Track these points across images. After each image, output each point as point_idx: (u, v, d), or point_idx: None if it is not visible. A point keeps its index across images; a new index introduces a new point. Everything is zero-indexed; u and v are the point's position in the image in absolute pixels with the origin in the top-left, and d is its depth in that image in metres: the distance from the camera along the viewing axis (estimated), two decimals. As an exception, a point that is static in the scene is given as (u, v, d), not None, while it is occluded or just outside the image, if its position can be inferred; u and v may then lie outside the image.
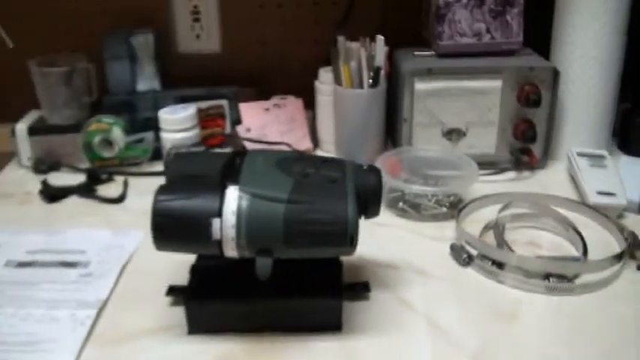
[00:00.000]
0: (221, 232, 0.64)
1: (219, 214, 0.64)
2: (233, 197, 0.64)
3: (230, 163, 0.68)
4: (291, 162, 0.70)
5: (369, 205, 0.70)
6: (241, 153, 0.71)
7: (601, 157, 1.07)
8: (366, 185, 0.69)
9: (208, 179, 0.66)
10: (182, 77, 1.25)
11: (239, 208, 0.64)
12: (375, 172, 0.71)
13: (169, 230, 0.64)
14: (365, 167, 0.72)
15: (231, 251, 0.65)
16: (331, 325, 0.72)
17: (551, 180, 1.09)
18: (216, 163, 0.68)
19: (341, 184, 0.67)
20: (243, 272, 0.67)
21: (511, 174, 1.11)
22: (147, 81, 1.18)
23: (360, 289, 0.78)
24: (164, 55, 1.23)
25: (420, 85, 1.07)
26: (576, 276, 0.82)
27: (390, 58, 1.13)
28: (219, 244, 0.64)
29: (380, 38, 1.05)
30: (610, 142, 1.17)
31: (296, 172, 0.68)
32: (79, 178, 1.10)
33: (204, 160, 0.71)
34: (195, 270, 0.74)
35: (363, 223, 0.67)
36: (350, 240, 0.65)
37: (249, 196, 0.64)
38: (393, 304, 0.77)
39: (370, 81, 1.08)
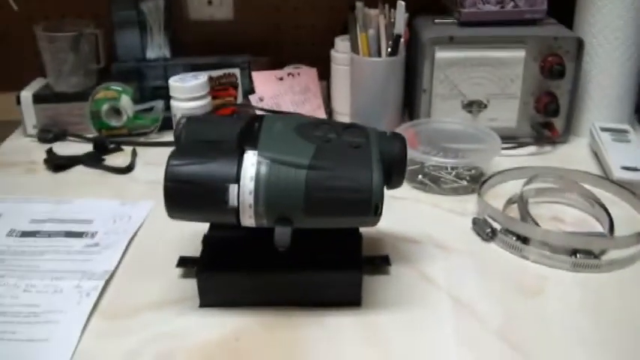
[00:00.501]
0: (238, 198, 0.60)
1: (236, 179, 0.60)
2: (251, 162, 0.61)
3: (248, 128, 0.65)
4: (312, 127, 0.66)
5: (393, 174, 0.66)
6: (259, 118, 0.67)
7: (625, 131, 1.05)
8: (391, 152, 0.66)
9: (224, 144, 0.63)
10: (193, 45, 1.21)
11: (257, 174, 0.60)
12: (400, 139, 0.68)
13: (183, 197, 0.61)
14: (389, 134, 0.68)
15: (248, 219, 0.62)
16: (350, 299, 0.69)
17: (573, 155, 1.06)
18: (232, 127, 0.65)
19: (365, 150, 0.64)
20: (258, 244, 0.64)
21: (532, 148, 1.08)
22: (157, 48, 1.15)
23: (380, 263, 0.75)
24: (175, 22, 1.18)
25: (441, 54, 1.03)
26: (603, 252, 0.79)
27: (410, 25, 1.09)
28: (235, 211, 0.61)
29: (401, 4, 1.01)
30: (633, 117, 1.14)
31: (317, 138, 0.64)
32: (85, 148, 1.07)
33: (220, 124, 0.67)
34: (207, 240, 0.72)
35: (382, 197, 0.64)
36: (375, 209, 0.62)
37: (268, 161, 0.61)
38: (414, 278, 0.74)
39: (389, 49, 1.05)
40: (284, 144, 0.63)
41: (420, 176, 0.94)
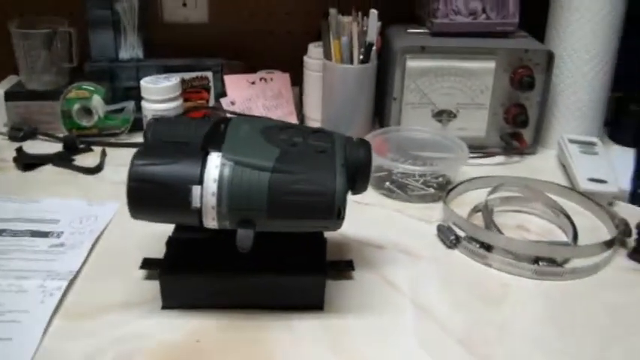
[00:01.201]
0: (201, 200, 0.60)
1: (199, 181, 0.60)
2: (215, 164, 0.61)
3: (213, 130, 0.65)
4: (278, 131, 0.66)
5: (357, 179, 0.67)
6: (225, 120, 0.67)
7: (592, 144, 1.06)
8: (356, 158, 0.66)
9: (190, 145, 0.63)
10: (167, 47, 1.20)
11: (221, 176, 0.61)
12: (365, 145, 0.68)
13: (146, 197, 0.61)
14: (355, 140, 0.69)
15: (211, 221, 0.62)
16: (313, 303, 0.69)
17: (540, 166, 1.08)
18: (198, 129, 0.65)
19: (330, 155, 0.64)
20: (222, 246, 0.64)
21: (500, 158, 1.09)
22: (130, 49, 1.14)
23: (343, 268, 0.75)
24: (149, 23, 1.18)
25: (412, 63, 1.04)
26: (566, 261, 0.80)
27: (383, 34, 1.10)
28: (198, 212, 0.61)
29: (373, 12, 1.02)
30: (602, 130, 1.15)
31: (282, 141, 0.64)
32: (55, 147, 1.07)
33: (186, 126, 0.67)
34: (171, 242, 0.71)
35: (348, 202, 0.64)
36: (337, 213, 0.62)
37: (232, 163, 0.61)
38: (378, 283, 0.75)
39: (361, 57, 1.05)
40: (249, 147, 0.63)
41: (387, 183, 0.95)
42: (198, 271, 0.68)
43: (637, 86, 1.15)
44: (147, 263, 0.74)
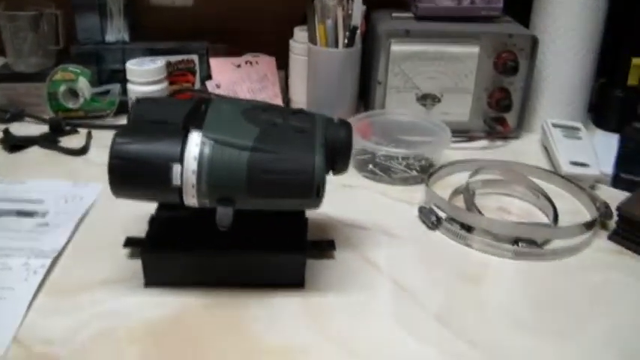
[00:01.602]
0: (181, 178, 0.61)
1: (180, 159, 0.61)
2: (195, 142, 0.62)
3: (195, 110, 0.65)
4: (259, 111, 0.67)
5: (338, 159, 0.67)
6: (207, 100, 0.68)
7: (576, 128, 1.07)
8: (336, 138, 0.67)
9: (171, 125, 0.63)
10: (152, 30, 1.21)
11: (201, 154, 0.61)
12: (346, 125, 0.69)
13: (127, 174, 0.62)
14: (336, 121, 0.69)
15: (191, 199, 0.63)
16: (294, 281, 0.70)
17: (523, 150, 1.09)
18: (180, 109, 0.65)
19: (309, 135, 0.65)
20: (204, 225, 0.65)
21: (484, 142, 1.10)
22: (116, 32, 1.14)
23: (325, 247, 0.76)
24: (135, 6, 1.18)
25: (397, 47, 1.05)
26: (546, 242, 0.81)
27: (368, 18, 1.11)
28: (179, 190, 0.62)
29: (358, -4, 1.02)
30: (585, 116, 1.16)
31: (263, 121, 0.65)
32: (42, 129, 1.07)
33: (169, 106, 0.68)
34: (154, 221, 0.72)
35: (331, 184, 0.65)
36: (316, 191, 0.63)
37: (212, 142, 0.62)
38: (358, 263, 0.76)
39: (346, 40, 1.06)
40: (229, 126, 0.64)
41: (370, 166, 0.96)
42: (180, 249, 0.69)
43: (621, 72, 1.16)
44: (130, 242, 0.74)
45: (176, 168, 0.61)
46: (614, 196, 0.89)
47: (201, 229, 0.67)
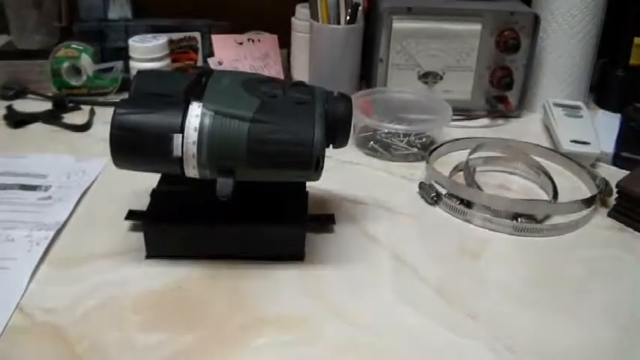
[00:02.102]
0: (182, 148, 0.62)
1: (180, 130, 0.61)
2: (195, 114, 0.62)
3: (195, 82, 0.66)
4: (259, 83, 0.67)
5: (337, 133, 0.68)
6: (208, 72, 0.68)
7: (577, 107, 1.07)
8: (336, 111, 0.67)
9: (172, 96, 0.64)
10: (155, 7, 1.21)
11: (201, 125, 0.62)
12: (346, 98, 0.69)
13: (128, 145, 0.62)
14: (335, 94, 0.70)
15: (192, 170, 0.63)
16: (294, 253, 0.71)
17: (525, 129, 1.09)
18: (181, 81, 0.65)
19: (309, 107, 0.65)
20: (205, 197, 0.65)
21: (485, 121, 1.10)
22: (118, 9, 1.15)
23: (325, 221, 0.77)
24: (138, -17, 1.19)
25: (398, 24, 1.05)
26: (545, 218, 0.81)
27: (370, -5, 1.11)
28: (179, 161, 0.62)
29: (360, -27, 1.02)
30: (587, 95, 1.16)
31: (263, 93, 0.65)
32: (45, 106, 1.07)
33: (170, 78, 0.68)
34: (155, 194, 0.73)
35: (333, 161, 0.65)
36: (316, 163, 0.63)
37: (212, 113, 0.62)
38: (358, 237, 0.76)
39: (347, 17, 1.06)
40: (229, 97, 0.64)
41: (372, 143, 0.96)
42: (181, 221, 0.69)
43: (623, 52, 1.16)
44: (132, 214, 0.75)
45: (177, 139, 0.61)
46: (615, 175, 0.89)
47: (201, 202, 0.68)
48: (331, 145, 0.69)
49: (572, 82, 1.12)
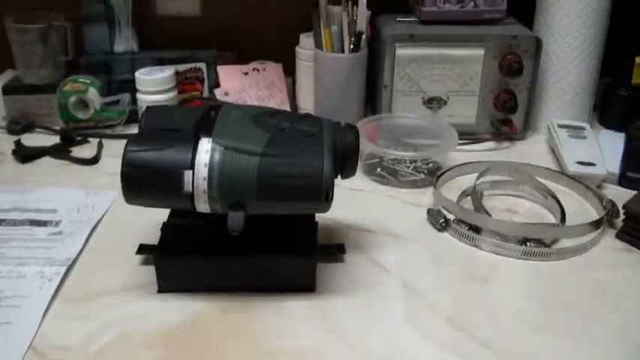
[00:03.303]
0: (193, 184, 0.62)
1: (191, 166, 0.62)
2: (205, 149, 0.63)
3: (205, 117, 0.66)
4: (267, 116, 0.68)
5: (345, 163, 0.68)
6: (217, 107, 0.69)
7: (581, 128, 1.07)
8: (344, 142, 0.68)
9: (182, 132, 0.64)
10: (160, 40, 1.23)
11: (211, 160, 0.62)
12: (353, 129, 0.69)
13: (139, 182, 0.63)
14: (343, 125, 0.70)
15: (203, 205, 0.64)
16: (305, 285, 0.71)
17: (530, 151, 1.09)
18: (190, 116, 0.66)
19: (317, 139, 0.66)
20: (216, 230, 0.66)
21: (491, 144, 1.10)
22: (124, 42, 1.16)
23: (335, 251, 0.77)
24: (142, 17, 1.20)
25: (402, 51, 1.06)
26: (554, 242, 0.81)
27: (372, 23, 1.12)
28: (190, 197, 0.63)
29: (362, 1, 1.03)
30: (591, 116, 1.16)
31: (271, 126, 0.66)
32: (53, 140, 1.08)
33: (179, 113, 0.69)
34: (166, 227, 0.73)
35: (340, 189, 0.66)
36: (325, 195, 0.63)
37: (222, 148, 0.63)
38: (368, 266, 0.76)
39: (351, 46, 1.07)
40: (238, 132, 0.65)
41: (379, 169, 0.97)
42: (192, 255, 0.70)
43: (625, 71, 1.16)
44: (143, 249, 0.75)
45: (187, 175, 0.62)
46: (621, 195, 0.89)
47: (212, 235, 0.68)
48: (339, 176, 0.69)
49: (575, 103, 1.12)
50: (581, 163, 0.96)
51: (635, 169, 0.95)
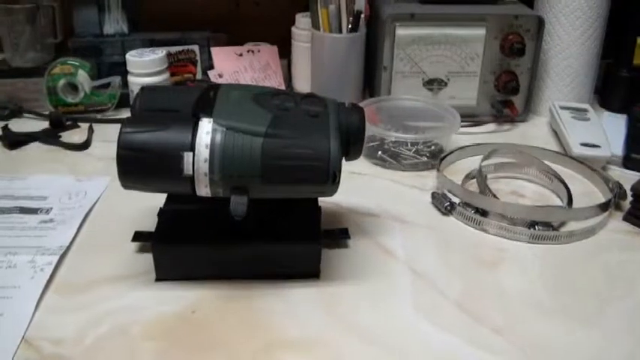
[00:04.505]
0: (193, 166, 0.59)
1: (191, 147, 0.59)
2: (206, 130, 0.60)
3: (203, 97, 0.63)
4: (269, 96, 0.65)
5: (351, 145, 0.65)
6: (215, 86, 0.66)
7: (584, 110, 1.05)
8: (349, 123, 0.65)
9: (179, 112, 0.61)
10: (152, 21, 1.19)
11: (212, 142, 0.59)
12: (358, 109, 0.67)
13: (136, 165, 0.60)
14: (347, 105, 0.68)
15: (204, 189, 0.61)
16: (309, 271, 0.69)
17: (532, 133, 1.07)
18: (188, 96, 0.63)
19: (323, 119, 0.63)
20: (215, 216, 0.63)
21: (492, 126, 1.09)
22: (114, 24, 1.12)
23: (339, 236, 0.75)
24: (133, -2, 1.17)
25: (402, 31, 1.03)
26: (562, 225, 0.80)
27: (371, 2, 1.09)
28: (191, 180, 0.60)
29: (360, -21, 1.01)
30: (592, 97, 1.15)
31: (274, 106, 0.63)
32: (42, 125, 1.05)
33: (176, 93, 0.66)
34: (163, 213, 0.70)
35: (342, 172, 0.63)
36: (332, 177, 0.61)
37: (223, 128, 0.60)
38: (374, 251, 0.74)
39: (349, 26, 1.04)
40: (240, 112, 0.62)
41: (379, 152, 0.94)
42: (191, 242, 0.67)
43: (627, 52, 1.14)
44: (139, 236, 0.73)
45: (187, 157, 0.59)
46: (626, 177, 0.88)
47: (211, 221, 0.66)
48: (344, 158, 0.66)
49: (577, 84, 1.10)
50: (586, 145, 0.95)
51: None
